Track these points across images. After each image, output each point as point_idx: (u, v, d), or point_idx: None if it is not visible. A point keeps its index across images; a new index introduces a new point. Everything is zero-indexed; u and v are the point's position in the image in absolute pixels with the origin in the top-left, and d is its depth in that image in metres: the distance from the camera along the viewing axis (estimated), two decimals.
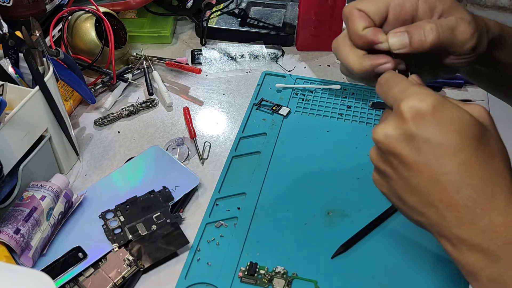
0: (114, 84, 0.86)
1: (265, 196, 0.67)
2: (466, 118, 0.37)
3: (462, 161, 0.37)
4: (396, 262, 0.59)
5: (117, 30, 0.91)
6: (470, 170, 0.37)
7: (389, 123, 0.39)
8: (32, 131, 0.63)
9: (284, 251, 0.61)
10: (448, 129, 0.37)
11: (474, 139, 0.37)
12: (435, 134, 0.37)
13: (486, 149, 0.37)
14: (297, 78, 0.87)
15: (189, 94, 0.86)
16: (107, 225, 0.63)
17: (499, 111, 0.81)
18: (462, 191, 0.36)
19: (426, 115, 0.37)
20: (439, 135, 0.37)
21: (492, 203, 0.36)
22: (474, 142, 0.37)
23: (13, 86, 0.64)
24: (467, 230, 0.37)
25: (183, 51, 0.96)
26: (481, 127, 0.38)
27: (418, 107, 0.37)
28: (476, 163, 0.37)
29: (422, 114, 0.37)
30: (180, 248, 0.61)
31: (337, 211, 0.65)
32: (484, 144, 0.37)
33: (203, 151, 0.75)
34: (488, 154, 0.37)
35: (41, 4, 0.90)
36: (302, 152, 0.74)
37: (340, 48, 0.46)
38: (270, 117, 0.80)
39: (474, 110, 0.39)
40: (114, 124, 0.81)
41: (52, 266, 0.59)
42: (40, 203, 0.60)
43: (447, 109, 0.37)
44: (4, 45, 0.65)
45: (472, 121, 0.37)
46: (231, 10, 1.02)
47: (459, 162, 0.37)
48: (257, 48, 0.95)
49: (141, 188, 0.67)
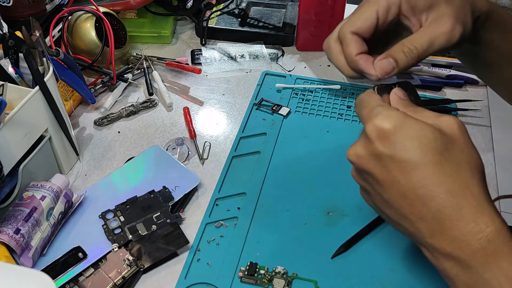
0: (114, 84, 0.86)
1: (265, 196, 0.67)
2: (427, 134, 0.39)
3: (425, 176, 0.39)
4: (396, 262, 0.59)
5: (117, 30, 0.91)
6: (434, 184, 0.38)
7: (359, 144, 0.42)
8: (32, 131, 0.63)
9: (284, 251, 0.61)
10: (410, 146, 0.39)
11: (436, 154, 0.39)
12: (398, 152, 0.39)
13: (451, 162, 0.39)
14: (297, 78, 0.87)
15: (189, 94, 0.86)
16: (107, 225, 0.63)
17: (499, 111, 0.81)
18: (428, 204, 0.39)
19: (388, 135, 0.40)
20: (402, 153, 0.39)
21: (459, 214, 0.38)
22: (436, 157, 0.39)
23: (13, 86, 0.64)
24: (439, 240, 0.39)
25: (183, 51, 0.96)
26: (443, 141, 0.39)
27: (381, 127, 0.40)
28: (440, 176, 0.38)
29: (384, 134, 0.40)
30: (180, 248, 0.61)
31: (337, 211, 0.65)
32: (448, 157, 0.39)
33: (203, 151, 0.75)
34: (453, 166, 0.39)
35: (41, 4, 0.90)
36: (302, 152, 0.74)
37: (331, 51, 0.49)
38: (270, 117, 0.80)
39: (443, 123, 0.40)
40: (114, 124, 0.81)
41: (52, 266, 0.59)
42: (40, 203, 0.60)
43: (408, 127, 0.39)
44: (4, 45, 0.65)
45: (433, 137, 0.39)
46: (231, 10, 1.02)
47: (422, 177, 0.39)
48: (257, 48, 0.95)
49: (141, 188, 0.67)
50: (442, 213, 0.38)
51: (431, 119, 0.41)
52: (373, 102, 0.43)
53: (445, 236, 0.38)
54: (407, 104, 0.44)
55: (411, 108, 0.43)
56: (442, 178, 0.38)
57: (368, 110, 0.43)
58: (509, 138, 0.77)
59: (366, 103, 0.44)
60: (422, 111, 0.42)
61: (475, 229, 0.37)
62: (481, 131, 0.78)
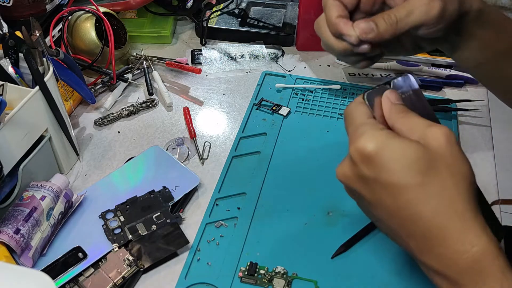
0: (114, 84, 0.86)
1: (265, 196, 0.67)
2: (410, 155, 0.38)
3: (410, 198, 0.38)
4: (396, 262, 0.59)
5: (117, 30, 0.91)
6: (419, 205, 0.38)
7: (346, 164, 0.42)
8: (32, 131, 0.63)
9: (284, 251, 0.61)
10: (393, 168, 0.39)
11: (419, 174, 0.38)
12: (382, 175, 0.39)
13: (435, 181, 0.38)
14: (297, 78, 0.87)
15: (189, 94, 0.86)
16: (107, 225, 0.63)
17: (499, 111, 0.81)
18: (416, 224, 0.39)
19: (371, 158, 0.39)
20: (385, 176, 0.39)
21: (445, 234, 0.38)
22: (419, 178, 0.38)
23: (13, 86, 0.64)
24: (428, 257, 0.39)
25: (183, 51, 0.96)
26: (427, 160, 0.38)
27: (364, 150, 0.39)
28: (424, 198, 0.38)
29: (367, 157, 0.39)
30: (180, 248, 0.61)
31: (337, 211, 0.65)
32: (433, 175, 0.38)
33: (203, 151, 0.75)
34: (438, 185, 0.38)
35: (41, 4, 0.90)
36: (302, 152, 0.74)
37: (321, 28, 0.50)
38: (270, 117, 0.80)
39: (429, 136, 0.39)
40: (114, 124, 0.81)
41: (52, 266, 0.59)
42: (40, 203, 0.60)
43: (390, 149, 0.39)
44: (4, 45, 0.65)
45: (416, 157, 0.38)
46: (231, 10, 1.02)
47: (407, 199, 0.39)
48: (257, 48, 0.95)
49: (141, 188, 0.67)
50: (429, 232, 0.38)
51: (419, 132, 0.40)
52: (359, 118, 0.42)
53: (433, 254, 0.39)
54: (399, 110, 0.42)
55: (402, 114, 0.41)
56: (426, 199, 0.38)
57: (353, 128, 0.42)
58: (509, 138, 0.77)
59: (353, 118, 0.43)
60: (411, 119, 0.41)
61: (461, 248, 0.37)
62: (481, 131, 0.78)
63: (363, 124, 0.41)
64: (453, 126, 0.78)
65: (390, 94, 0.43)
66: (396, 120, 0.41)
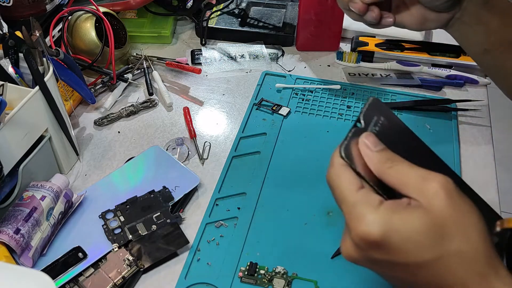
0: (114, 84, 0.86)
1: (265, 196, 0.67)
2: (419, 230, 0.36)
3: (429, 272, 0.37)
4: None
5: (117, 30, 0.91)
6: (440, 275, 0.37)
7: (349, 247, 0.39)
8: (32, 131, 0.63)
9: (284, 251, 0.61)
10: (405, 249, 0.36)
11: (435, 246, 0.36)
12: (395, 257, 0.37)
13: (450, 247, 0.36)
14: (297, 78, 0.87)
15: (189, 94, 0.86)
16: (107, 225, 0.63)
17: (499, 111, 0.81)
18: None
19: (379, 244, 0.37)
20: (399, 257, 0.37)
21: None
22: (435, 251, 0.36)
23: (13, 86, 0.64)
24: None
25: (183, 51, 0.96)
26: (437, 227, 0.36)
27: (368, 238, 0.37)
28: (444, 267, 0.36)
29: (374, 243, 0.37)
30: (180, 248, 0.61)
31: (337, 211, 0.65)
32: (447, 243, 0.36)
33: (203, 151, 0.75)
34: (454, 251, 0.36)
35: (41, 4, 0.90)
36: (302, 152, 0.74)
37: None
38: (270, 117, 0.80)
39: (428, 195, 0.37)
40: (114, 124, 0.81)
41: (52, 266, 0.59)
42: (40, 203, 0.60)
43: (397, 230, 0.36)
44: (4, 45, 0.65)
45: (426, 229, 0.36)
46: (231, 10, 1.02)
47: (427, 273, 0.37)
48: (257, 48, 0.95)
49: (141, 188, 0.67)
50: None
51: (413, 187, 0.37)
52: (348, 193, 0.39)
53: None
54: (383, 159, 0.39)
55: (388, 164, 0.39)
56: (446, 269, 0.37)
57: (346, 208, 0.39)
58: (509, 138, 0.77)
59: (341, 192, 0.39)
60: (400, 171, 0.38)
61: None
62: (481, 131, 0.78)
63: (356, 203, 0.38)
64: (453, 126, 0.78)
65: (367, 139, 0.40)
66: (384, 172, 0.39)
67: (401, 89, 0.86)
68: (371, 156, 0.39)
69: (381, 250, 0.37)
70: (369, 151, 0.39)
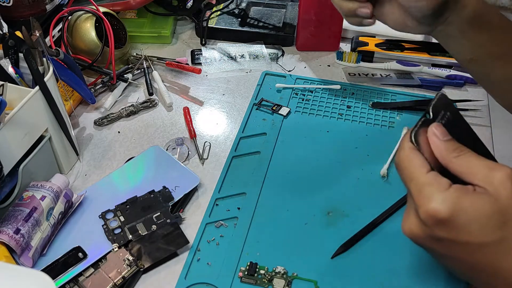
0: (114, 84, 0.86)
1: (265, 196, 0.67)
2: (485, 212, 0.38)
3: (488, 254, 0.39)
4: (396, 262, 0.59)
5: (117, 30, 0.91)
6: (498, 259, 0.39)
7: (414, 223, 0.42)
8: (32, 131, 0.63)
9: (284, 251, 0.61)
10: (470, 229, 0.39)
11: (497, 230, 0.38)
12: (459, 236, 0.39)
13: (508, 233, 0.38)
14: (297, 78, 0.87)
15: (189, 94, 0.86)
16: (107, 225, 0.63)
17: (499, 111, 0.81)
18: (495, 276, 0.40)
19: (446, 222, 0.39)
20: (463, 236, 0.39)
21: None
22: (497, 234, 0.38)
23: (13, 86, 0.64)
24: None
25: (183, 51, 0.96)
26: (502, 213, 0.38)
27: (437, 215, 0.39)
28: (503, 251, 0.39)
29: (442, 221, 0.39)
30: (180, 248, 0.61)
31: (337, 211, 0.65)
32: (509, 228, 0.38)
33: (203, 151, 0.75)
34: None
35: (41, 4, 0.90)
36: (302, 152, 0.74)
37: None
38: (270, 117, 0.80)
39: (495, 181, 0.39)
40: (114, 124, 0.81)
41: (52, 266, 0.59)
42: (40, 203, 0.60)
43: (465, 210, 0.38)
44: (4, 45, 0.65)
45: (491, 212, 0.38)
46: (231, 10, 1.02)
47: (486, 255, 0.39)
48: (257, 48, 0.95)
49: (141, 188, 0.67)
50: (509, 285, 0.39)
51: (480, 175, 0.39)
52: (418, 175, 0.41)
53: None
54: (451, 148, 0.41)
55: (455, 153, 0.41)
56: (504, 254, 0.38)
57: (416, 188, 0.41)
58: (509, 138, 0.77)
59: (411, 173, 0.42)
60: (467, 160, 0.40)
61: None
62: (481, 131, 0.78)
63: (426, 184, 0.40)
64: None
65: (436, 130, 0.42)
66: (450, 160, 0.41)
67: (401, 89, 0.86)
68: (439, 145, 0.42)
69: (446, 227, 0.39)
70: (438, 140, 0.42)
